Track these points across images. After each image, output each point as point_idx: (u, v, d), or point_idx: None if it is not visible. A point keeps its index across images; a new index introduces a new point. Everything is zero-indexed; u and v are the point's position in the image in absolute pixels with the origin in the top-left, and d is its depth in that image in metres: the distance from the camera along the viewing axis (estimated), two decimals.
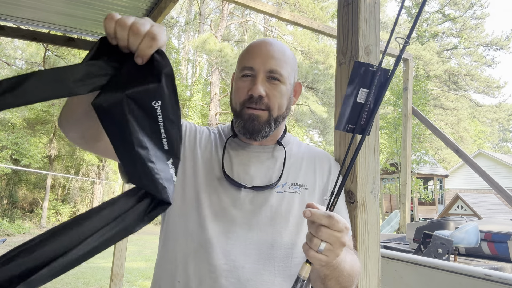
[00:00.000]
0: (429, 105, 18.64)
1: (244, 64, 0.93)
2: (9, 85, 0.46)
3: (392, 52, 4.98)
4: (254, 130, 0.91)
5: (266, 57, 0.92)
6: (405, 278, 2.17)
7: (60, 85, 0.50)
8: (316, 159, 1.00)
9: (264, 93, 0.90)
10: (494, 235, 2.68)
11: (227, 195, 0.89)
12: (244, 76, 0.93)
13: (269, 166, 0.95)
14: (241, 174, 0.92)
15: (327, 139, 21.94)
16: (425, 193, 13.30)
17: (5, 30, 3.03)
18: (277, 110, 0.93)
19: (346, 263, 0.77)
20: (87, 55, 0.57)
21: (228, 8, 16.61)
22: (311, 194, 0.93)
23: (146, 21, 0.57)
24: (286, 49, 0.97)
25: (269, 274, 0.83)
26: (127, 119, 0.54)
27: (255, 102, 0.90)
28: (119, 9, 2.68)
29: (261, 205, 0.88)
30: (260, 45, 0.95)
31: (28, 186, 15.52)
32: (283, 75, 0.92)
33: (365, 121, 0.72)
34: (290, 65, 0.95)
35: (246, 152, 0.97)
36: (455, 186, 18.70)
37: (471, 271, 1.80)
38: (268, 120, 0.92)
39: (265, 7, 3.61)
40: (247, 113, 0.91)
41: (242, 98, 0.92)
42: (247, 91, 0.91)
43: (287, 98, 0.96)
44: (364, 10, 1.06)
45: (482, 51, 26.22)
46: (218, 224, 0.86)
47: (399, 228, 5.53)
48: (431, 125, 4.95)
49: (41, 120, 14.64)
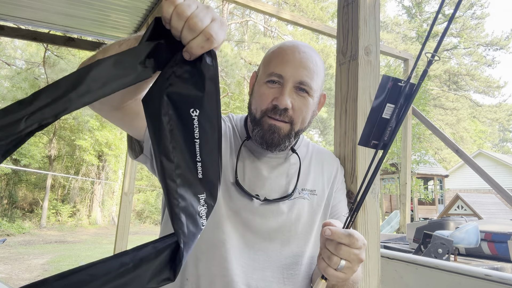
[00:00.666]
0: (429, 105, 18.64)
1: (273, 70, 0.85)
2: (70, 83, 0.40)
3: (392, 52, 4.97)
4: (273, 143, 0.85)
5: (299, 66, 0.84)
6: (405, 278, 2.17)
7: (128, 72, 0.44)
8: (324, 163, 0.98)
9: (290, 105, 0.83)
10: (494, 235, 2.68)
11: (240, 200, 0.86)
12: (271, 82, 0.85)
13: (283, 175, 0.91)
14: (253, 183, 0.88)
15: (327, 139, 21.94)
16: (425, 193, 13.29)
17: (5, 30, 3.03)
18: (300, 124, 0.87)
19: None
20: (144, 35, 0.50)
21: (228, 8, 16.61)
22: (320, 200, 0.91)
23: (208, 13, 0.51)
24: (318, 58, 0.89)
25: (278, 282, 0.83)
26: (160, 121, 0.48)
27: (279, 114, 0.83)
28: (119, 9, 2.68)
29: (272, 212, 0.86)
30: (293, 51, 0.86)
31: (28, 186, 15.51)
32: (313, 88, 0.86)
33: (388, 137, 0.69)
34: (321, 77, 0.89)
35: (259, 159, 0.92)
36: (455, 186, 18.69)
37: (471, 271, 1.80)
38: (289, 134, 0.86)
39: (265, 7, 3.61)
40: (268, 123, 0.85)
41: (265, 107, 0.85)
42: (271, 99, 0.84)
43: (312, 112, 0.89)
44: (364, 10, 1.06)
45: (482, 51, 26.24)
46: (232, 226, 0.83)
47: (399, 228, 5.53)
48: (431, 125, 4.95)
49: None
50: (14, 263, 7.40)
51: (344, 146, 1.07)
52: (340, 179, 1.00)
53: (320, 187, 0.93)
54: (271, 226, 0.85)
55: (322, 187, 0.93)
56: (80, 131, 14.82)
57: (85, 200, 16.10)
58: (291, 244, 0.85)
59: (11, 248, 9.28)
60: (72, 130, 15.11)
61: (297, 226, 0.86)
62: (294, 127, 0.86)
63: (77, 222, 14.97)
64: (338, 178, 0.98)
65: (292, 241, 0.85)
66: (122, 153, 16.37)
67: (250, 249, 0.83)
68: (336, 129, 1.12)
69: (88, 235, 13.02)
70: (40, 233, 12.46)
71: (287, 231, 0.86)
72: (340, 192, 0.98)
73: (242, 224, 0.84)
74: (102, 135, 15.05)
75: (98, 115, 14.76)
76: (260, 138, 0.86)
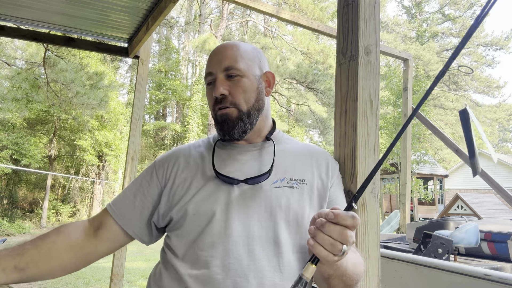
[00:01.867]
0: (429, 105, 18.63)
1: (205, 72, 0.97)
2: None
3: (392, 52, 4.97)
4: (229, 128, 0.92)
5: (221, 58, 0.94)
6: (405, 278, 2.17)
7: None
8: (313, 156, 0.99)
9: (226, 91, 0.91)
10: (494, 235, 2.68)
11: (222, 190, 0.89)
12: (209, 84, 0.96)
13: (260, 160, 0.94)
14: (232, 172, 0.91)
15: (327, 139, 21.94)
16: (425, 193, 13.29)
17: (5, 30, 3.03)
18: (245, 104, 0.93)
19: (349, 262, 0.76)
20: None
21: (228, 8, 16.61)
22: (310, 188, 0.92)
23: None
24: (240, 45, 0.97)
25: (271, 269, 0.83)
26: None
27: (220, 103, 0.93)
28: (119, 9, 2.68)
29: (259, 199, 0.87)
30: (215, 51, 0.97)
31: (28, 186, 15.51)
32: (241, 69, 0.93)
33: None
34: (248, 57, 0.96)
35: (235, 151, 0.96)
36: (455, 186, 18.70)
37: (471, 271, 1.80)
38: (239, 116, 0.92)
39: (265, 7, 3.61)
40: (218, 114, 0.94)
41: (211, 103, 0.95)
42: (212, 95, 0.94)
43: (254, 90, 0.95)
44: (364, 10, 1.06)
45: (482, 51, 26.24)
46: (222, 210, 0.86)
47: (399, 228, 5.53)
48: (431, 125, 4.96)
49: (41, 120, 14.63)
50: None
51: (344, 146, 1.07)
52: (335, 173, 0.99)
53: (309, 177, 0.93)
54: (261, 215, 0.86)
55: (311, 177, 0.93)
56: (80, 131, 14.81)
57: (85, 200, 16.10)
58: (283, 232, 0.85)
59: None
60: (72, 130, 15.11)
61: (288, 213, 0.86)
62: (241, 109, 0.93)
63: None
64: (331, 171, 0.97)
65: (283, 229, 0.85)
66: (122, 153, 16.37)
67: (243, 240, 0.84)
68: (336, 129, 1.12)
69: None
70: (40, 233, 12.37)
71: (278, 219, 0.86)
72: (337, 187, 0.97)
73: (229, 217, 0.86)
74: (102, 135, 15.05)
75: (98, 115, 14.79)
76: (220, 130, 0.95)
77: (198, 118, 18.01)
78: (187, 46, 23.98)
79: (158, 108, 25.03)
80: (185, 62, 24.26)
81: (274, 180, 0.90)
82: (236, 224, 0.84)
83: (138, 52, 3.30)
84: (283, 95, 16.12)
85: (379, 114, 1.07)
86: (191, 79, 23.77)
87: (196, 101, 17.89)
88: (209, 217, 0.86)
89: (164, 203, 0.93)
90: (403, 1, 27.32)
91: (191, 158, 0.98)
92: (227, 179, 0.88)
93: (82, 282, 6.09)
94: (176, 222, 0.90)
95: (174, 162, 0.98)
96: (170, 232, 0.93)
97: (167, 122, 23.90)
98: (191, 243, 0.86)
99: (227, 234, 0.84)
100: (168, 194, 0.93)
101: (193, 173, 0.94)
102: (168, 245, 0.93)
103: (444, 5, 25.44)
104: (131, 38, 3.25)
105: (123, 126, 17.36)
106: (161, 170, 0.98)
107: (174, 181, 0.94)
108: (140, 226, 0.96)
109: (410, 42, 24.70)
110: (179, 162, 0.97)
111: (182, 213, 0.89)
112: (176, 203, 0.91)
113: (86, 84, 9.50)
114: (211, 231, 0.85)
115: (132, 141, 3.19)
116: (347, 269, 0.76)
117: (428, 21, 26.10)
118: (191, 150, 1.01)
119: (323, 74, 14.12)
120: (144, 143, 21.89)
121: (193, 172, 0.94)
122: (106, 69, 14.44)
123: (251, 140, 0.98)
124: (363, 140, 1.02)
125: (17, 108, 12.24)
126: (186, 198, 0.90)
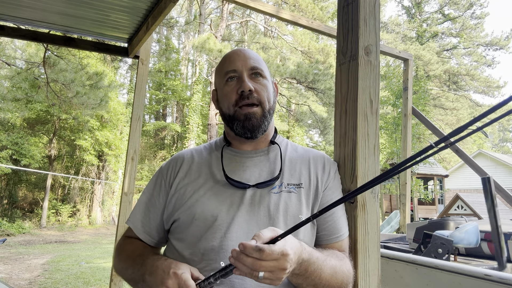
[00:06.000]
0: (429, 105, 18.64)
1: (226, 69, 0.98)
2: None
3: (392, 52, 4.97)
4: (254, 127, 0.94)
5: (245, 58, 0.98)
6: (405, 278, 2.17)
7: None
8: (310, 158, 1.01)
9: (253, 87, 0.95)
10: None
11: (232, 196, 0.91)
12: (229, 79, 0.98)
13: (267, 165, 0.97)
14: (242, 177, 0.94)
15: (327, 139, 21.94)
16: (425, 193, 13.28)
17: (5, 30, 3.02)
18: (267, 103, 0.97)
19: (323, 270, 0.78)
20: None
21: (228, 8, 16.60)
22: (307, 191, 0.94)
23: None
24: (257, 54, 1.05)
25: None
26: None
27: (247, 98, 0.94)
28: (119, 9, 2.68)
29: (260, 204, 0.89)
30: (236, 52, 1.01)
31: (28, 186, 15.51)
32: (264, 71, 1.00)
33: None
34: (264, 64, 1.03)
35: (242, 158, 0.99)
36: (455, 186, 18.70)
37: (471, 271, 1.80)
38: (264, 114, 0.96)
39: (265, 7, 3.61)
40: (243, 113, 0.95)
41: (234, 99, 0.96)
42: (236, 91, 0.95)
43: (272, 92, 1.01)
44: (364, 10, 1.06)
45: (482, 51, 26.22)
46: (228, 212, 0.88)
47: (399, 228, 5.53)
48: (431, 125, 4.95)
49: (41, 120, 14.63)
50: (14, 263, 7.40)
51: (344, 146, 1.06)
52: (331, 175, 0.99)
53: (306, 180, 0.96)
54: (260, 219, 0.87)
55: (308, 179, 0.96)
56: (80, 131, 14.81)
57: (85, 200, 16.09)
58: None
59: (11, 248, 9.28)
60: (72, 130, 15.10)
61: (286, 217, 0.88)
62: (264, 107, 0.97)
63: (77, 222, 14.97)
64: (327, 171, 0.99)
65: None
66: (122, 153, 16.37)
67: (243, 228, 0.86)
68: (336, 129, 1.12)
69: (88, 235, 13.02)
70: (40, 233, 12.45)
71: (276, 223, 0.87)
72: (333, 190, 0.97)
73: (231, 222, 0.87)
74: (102, 135, 15.04)
75: (98, 115, 14.76)
76: (241, 128, 0.95)
77: (198, 118, 18.00)
78: (187, 46, 23.97)
79: (158, 108, 25.03)
80: (185, 62, 24.26)
81: (273, 186, 0.92)
82: (237, 227, 0.86)
83: (138, 52, 3.30)
84: (283, 95, 16.12)
85: (379, 114, 1.07)
86: (191, 79, 23.75)
87: (196, 101, 17.88)
88: (212, 221, 0.87)
89: (171, 206, 0.95)
90: (403, 1, 27.32)
91: (194, 164, 1.00)
92: (238, 184, 0.91)
93: (82, 282, 6.09)
94: (179, 225, 0.92)
95: (180, 166, 1.01)
96: (173, 235, 0.95)
97: (167, 122, 23.89)
98: (193, 245, 0.88)
99: (227, 237, 0.85)
100: (172, 198, 0.96)
101: (198, 178, 0.96)
102: (170, 247, 0.94)
103: (444, 5, 25.42)
104: (131, 38, 3.24)
105: (123, 126, 17.35)
106: (167, 176, 1.01)
107: (178, 185, 0.96)
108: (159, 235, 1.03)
109: (410, 42, 24.68)
110: (182, 167, 1.00)
111: (186, 216, 0.90)
112: (180, 207, 0.92)
113: (86, 84, 9.48)
114: (212, 235, 0.86)
115: (132, 141, 3.19)
116: (321, 278, 0.77)
117: (428, 21, 26.07)
118: (194, 155, 1.04)
119: (323, 73, 14.10)
120: (144, 143, 21.88)
121: (197, 177, 0.96)
122: (106, 69, 14.41)
123: (257, 146, 1.01)
124: (363, 140, 1.02)
125: (17, 108, 12.23)
126: (190, 202, 0.91)
